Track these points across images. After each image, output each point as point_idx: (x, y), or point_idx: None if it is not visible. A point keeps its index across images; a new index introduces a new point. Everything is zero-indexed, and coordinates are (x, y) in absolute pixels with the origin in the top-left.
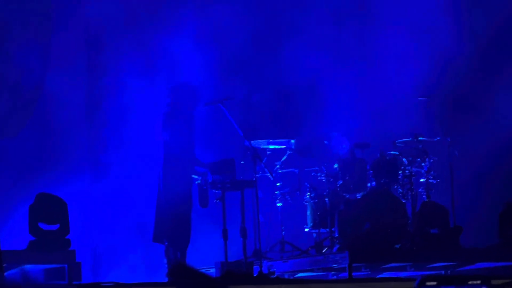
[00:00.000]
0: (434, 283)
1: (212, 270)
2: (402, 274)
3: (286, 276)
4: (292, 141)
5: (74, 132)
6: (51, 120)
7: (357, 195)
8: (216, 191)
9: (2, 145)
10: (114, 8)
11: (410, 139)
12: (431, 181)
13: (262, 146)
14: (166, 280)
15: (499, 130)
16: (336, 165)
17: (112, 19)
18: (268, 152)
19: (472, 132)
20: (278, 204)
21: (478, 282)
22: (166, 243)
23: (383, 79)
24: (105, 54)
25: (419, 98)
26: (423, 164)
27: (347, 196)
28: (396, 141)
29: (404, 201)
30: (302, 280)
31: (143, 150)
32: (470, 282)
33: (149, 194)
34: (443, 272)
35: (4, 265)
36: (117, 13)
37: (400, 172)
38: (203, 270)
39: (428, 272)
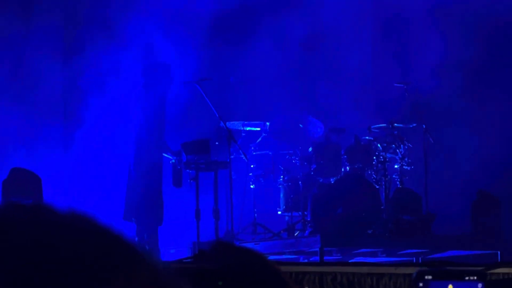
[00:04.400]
0: (430, 277)
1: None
2: (373, 260)
3: None
4: (267, 123)
5: (50, 109)
6: (28, 96)
7: (331, 179)
8: (190, 171)
9: None
10: None
11: (385, 125)
12: (405, 167)
13: (237, 128)
14: None
15: (474, 119)
16: (310, 149)
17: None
18: (243, 134)
19: (448, 119)
20: (251, 186)
21: (475, 278)
22: (136, 222)
23: (360, 64)
24: (81, 34)
25: (395, 84)
26: (397, 150)
27: (321, 180)
28: (371, 126)
29: (377, 187)
30: None
31: (117, 128)
32: (466, 278)
33: (121, 171)
34: (414, 259)
35: None
36: None
37: (375, 157)
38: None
39: (402, 259)
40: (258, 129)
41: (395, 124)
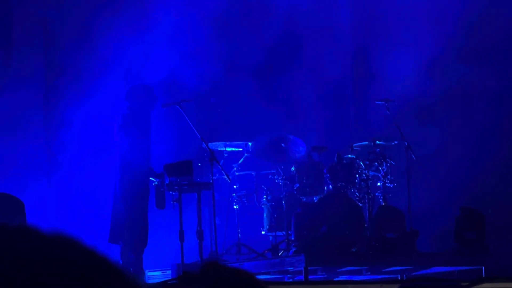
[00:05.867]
0: None
1: (169, 272)
2: (358, 278)
3: None
4: (249, 143)
5: (32, 132)
6: (8, 115)
7: (314, 198)
8: (173, 193)
9: None
10: (71, 10)
11: (367, 143)
12: (388, 185)
13: (219, 148)
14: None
15: (456, 135)
16: (293, 168)
17: (71, 17)
18: (225, 154)
19: (430, 137)
20: (235, 207)
21: None
22: (122, 244)
23: (341, 82)
24: (63, 54)
25: (376, 102)
26: (380, 168)
27: (304, 199)
28: (354, 144)
29: (360, 204)
30: None
31: (100, 151)
32: None
33: (106, 194)
34: (398, 276)
35: None
36: (73, 13)
37: (357, 175)
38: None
39: (386, 276)
40: (240, 149)
41: (377, 142)
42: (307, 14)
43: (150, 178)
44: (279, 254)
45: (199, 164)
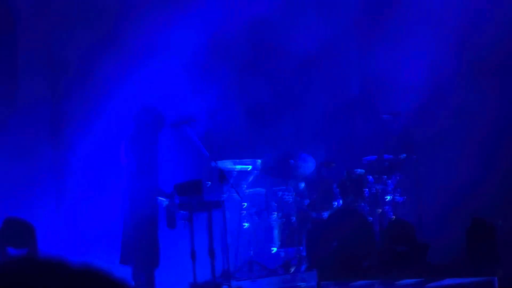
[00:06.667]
0: None
1: None
2: None
3: None
4: (258, 161)
5: (39, 156)
6: (16, 142)
7: (324, 214)
8: (184, 212)
9: None
10: (75, 36)
11: (376, 157)
12: (398, 198)
13: (228, 167)
14: None
15: (465, 146)
16: (302, 184)
17: (75, 43)
18: (234, 173)
19: (438, 149)
20: (246, 225)
21: None
22: (133, 265)
23: (348, 97)
24: (68, 79)
25: (383, 116)
26: (389, 181)
27: (314, 215)
28: (362, 159)
29: (371, 219)
30: None
31: (109, 173)
32: None
33: (116, 216)
34: None
35: None
36: (78, 38)
37: (367, 190)
38: None
39: None
40: (250, 167)
41: (385, 156)
42: (314, 31)
43: (160, 198)
44: (291, 270)
45: (209, 183)
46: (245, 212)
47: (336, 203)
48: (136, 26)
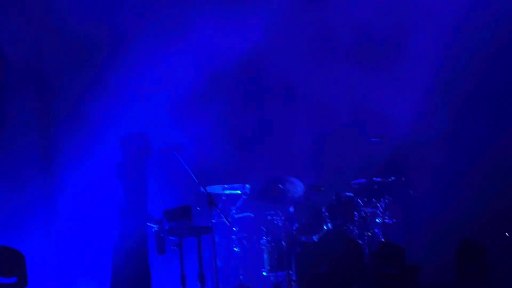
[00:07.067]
0: None
1: None
2: None
3: None
4: (247, 185)
5: (30, 181)
6: (6, 169)
7: (314, 237)
8: (173, 238)
9: None
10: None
11: (364, 180)
12: (387, 221)
13: (217, 192)
14: None
15: (454, 168)
16: (291, 208)
17: (64, 64)
18: (223, 198)
19: (427, 171)
20: (235, 249)
21: None
22: None
23: (337, 120)
24: (57, 102)
25: (372, 139)
26: (378, 204)
27: (304, 239)
28: (351, 182)
29: (360, 242)
30: None
31: (98, 199)
32: None
33: (106, 243)
34: None
35: None
36: (68, 62)
37: (356, 213)
38: None
39: None
40: (238, 191)
41: (374, 179)
42: (303, 60)
43: (149, 224)
44: None
45: (198, 208)
46: (234, 236)
47: (325, 227)
48: (125, 56)
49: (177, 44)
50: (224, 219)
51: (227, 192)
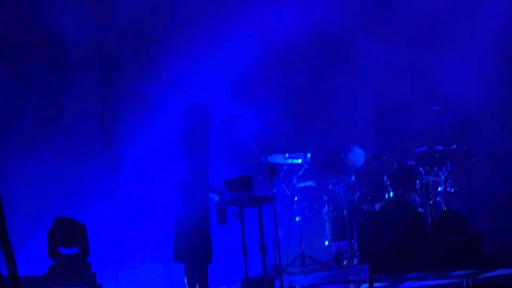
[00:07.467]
0: None
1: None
2: (423, 284)
3: None
4: (308, 155)
5: (91, 154)
6: (68, 143)
7: (375, 206)
8: (234, 208)
9: (25, 167)
10: (126, 31)
11: (426, 148)
12: (449, 189)
13: (278, 161)
14: None
15: None
16: (353, 177)
17: (124, 40)
18: (284, 167)
19: (489, 139)
20: (297, 219)
21: None
22: (186, 262)
23: (397, 89)
24: (119, 76)
25: (433, 107)
26: (440, 173)
27: (365, 208)
28: (413, 150)
29: (422, 210)
30: None
31: (160, 169)
32: None
33: (168, 214)
34: (464, 280)
35: None
36: (129, 35)
37: (417, 181)
38: None
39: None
40: (300, 161)
41: (436, 147)
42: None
43: (211, 195)
44: (343, 264)
45: (259, 178)
46: (296, 206)
47: (387, 196)
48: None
49: (241, 19)
50: (286, 189)
51: (289, 161)
